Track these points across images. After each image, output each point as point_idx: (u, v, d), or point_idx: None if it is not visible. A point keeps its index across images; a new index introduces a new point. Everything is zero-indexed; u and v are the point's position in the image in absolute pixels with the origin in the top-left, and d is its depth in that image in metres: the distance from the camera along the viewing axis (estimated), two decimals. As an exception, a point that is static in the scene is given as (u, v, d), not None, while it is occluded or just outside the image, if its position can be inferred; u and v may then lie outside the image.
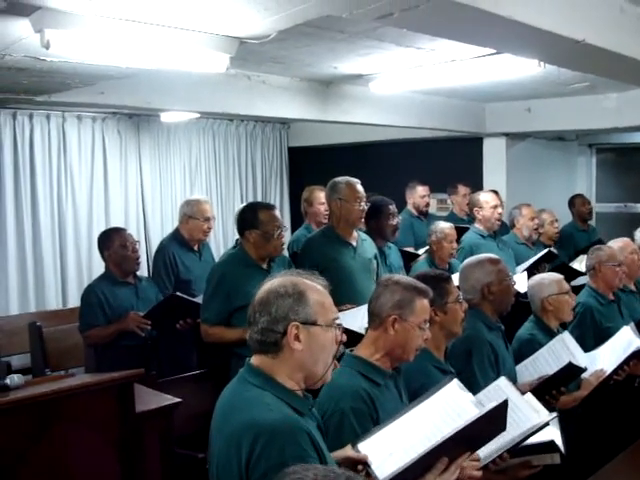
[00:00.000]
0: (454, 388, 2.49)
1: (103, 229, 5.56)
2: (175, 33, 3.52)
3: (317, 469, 1.53)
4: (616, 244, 5.13)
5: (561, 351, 3.84)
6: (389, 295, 2.80)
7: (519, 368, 3.86)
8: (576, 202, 7.79)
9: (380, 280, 3.02)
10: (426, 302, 2.84)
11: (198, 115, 7.77)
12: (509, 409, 2.44)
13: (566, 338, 3.91)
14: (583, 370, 3.75)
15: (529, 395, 3.06)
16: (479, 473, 2.38)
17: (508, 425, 2.48)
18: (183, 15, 3.35)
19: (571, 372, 3.67)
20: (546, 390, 3.57)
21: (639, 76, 4.62)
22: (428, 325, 2.84)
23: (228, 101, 5.90)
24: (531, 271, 5.35)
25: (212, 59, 3.87)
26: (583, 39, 3.40)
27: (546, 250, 5.96)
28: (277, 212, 4.47)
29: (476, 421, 2.28)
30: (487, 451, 2.44)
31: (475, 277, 3.75)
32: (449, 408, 2.44)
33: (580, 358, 3.81)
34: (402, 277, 3.03)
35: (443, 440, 2.20)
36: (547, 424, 2.80)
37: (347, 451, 2.35)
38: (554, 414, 2.94)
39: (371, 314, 2.85)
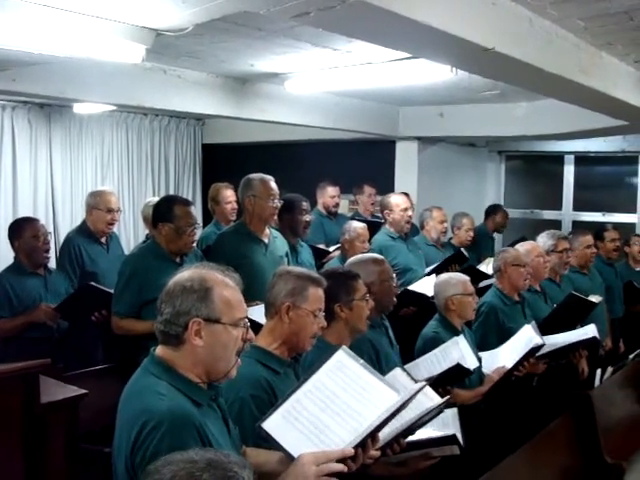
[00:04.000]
0: (343, 356, 2.54)
1: (10, 220, 5.42)
2: (90, 21, 3.46)
3: (175, 463, 1.54)
4: (523, 247, 5.28)
5: (453, 353, 3.94)
6: (283, 284, 2.85)
7: (411, 365, 3.94)
8: (498, 213, 8.06)
9: (275, 271, 3.05)
10: (320, 291, 2.88)
11: (112, 108, 7.66)
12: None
13: (460, 341, 4.01)
14: (470, 372, 3.86)
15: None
16: (377, 453, 2.43)
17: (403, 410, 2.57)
18: (99, 3, 3.31)
19: (459, 373, 3.78)
20: (434, 387, 3.65)
21: (547, 86, 4.78)
22: (323, 314, 2.88)
23: (143, 94, 5.84)
24: (441, 272, 5.46)
25: (128, 49, 3.83)
26: (493, 47, 3.51)
27: (457, 252, 6.12)
28: (193, 209, 4.46)
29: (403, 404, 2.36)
30: (382, 435, 2.50)
31: None
32: (343, 375, 2.49)
33: (470, 360, 3.91)
34: (296, 267, 3.09)
35: (380, 421, 2.29)
36: (442, 410, 2.88)
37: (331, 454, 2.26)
38: (447, 397, 3.03)
39: (267, 304, 2.89)
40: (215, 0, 3.03)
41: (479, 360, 4.20)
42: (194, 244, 4.50)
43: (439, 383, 3.64)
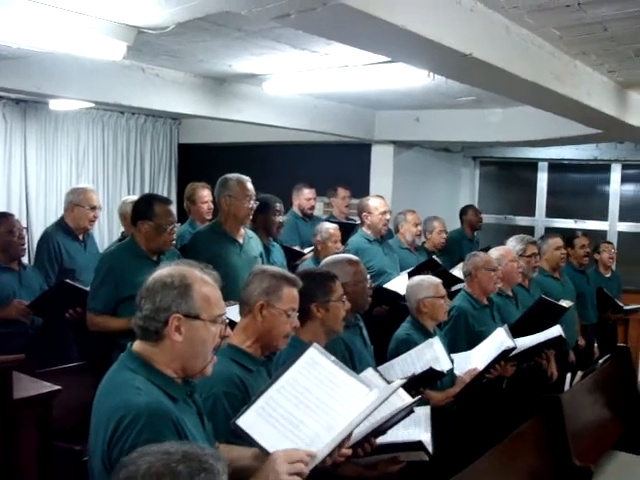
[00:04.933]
0: (314, 353, 2.58)
1: (-16, 215, 5.37)
2: (72, 16, 3.46)
3: (151, 454, 1.56)
4: (498, 252, 5.33)
5: (427, 355, 3.97)
6: (258, 282, 2.87)
7: (387, 366, 3.97)
8: (468, 212, 8.09)
9: (251, 270, 3.07)
10: (294, 291, 2.90)
11: (89, 105, 7.62)
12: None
13: (434, 343, 4.04)
14: (443, 374, 3.89)
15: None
16: (349, 451, 2.47)
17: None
18: (81, -1, 3.32)
19: (431, 375, 3.82)
20: (407, 389, 3.68)
21: (522, 93, 4.84)
22: (297, 314, 2.91)
23: (121, 92, 5.82)
24: (413, 277, 5.51)
25: (109, 46, 3.83)
26: (471, 53, 3.55)
27: (429, 258, 6.16)
28: (172, 208, 4.46)
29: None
30: (354, 434, 2.54)
31: None
32: (315, 372, 2.53)
33: (444, 362, 3.95)
34: (271, 267, 3.09)
35: (361, 419, 2.34)
36: (412, 410, 2.91)
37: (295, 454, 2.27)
38: (418, 397, 3.06)
39: (242, 302, 2.91)
40: (197, -1, 3.05)
41: (451, 362, 4.25)
42: (173, 242, 4.50)
43: (412, 386, 3.67)
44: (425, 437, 3.05)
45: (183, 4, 3.18)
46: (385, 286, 5.33)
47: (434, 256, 6.33)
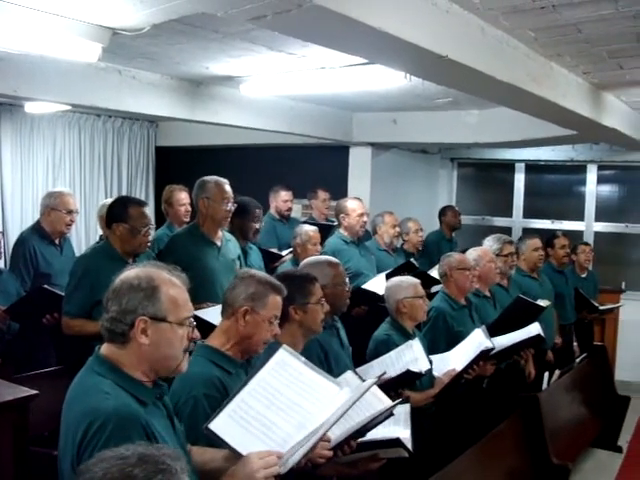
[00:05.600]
0: (284, 355, 2.59)
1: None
2: (46, 18, 3.43)
3: (107, 460, 1.54)
4: (475, 252, 5.36)
5: (407, 356, 3.98)
6: (244, 287, 2.87)
7: (366, 367, 3.98)
8: (447, 213, 8.13)
9: (238, 273, 3.07)
10: (279, 299, 2.91)
11: (65, 107, 7.56)
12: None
13: (414, 344, 4.06)
14: (421, 375, 3.90)
15: (374, 387, 3.17)
16: (329, 453, 2.49)
17: (353, 412, 2.65)
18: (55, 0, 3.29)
19: (409, 377, 3.83)
20: (386, 390, 3.69)
21: (498, 94, 4.86)
22: (278, 322, 2.91)
23: (97, 94, 5.78)
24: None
25: (84, 48, 3.80)
26: (446, 55, 3.57)
27: (407, 261, 6.17)
28: (148, 210, 4.44)
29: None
30: (334, 436, 2.55)
31: None
32: (285, 373, 2.54)
33: (422, 363, 3.96)
34: (259, 272, 3.08)
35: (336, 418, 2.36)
36: (392, 413, 2.93)
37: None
38: (398, 400, 3.07)
39: (225, 304, 2.91)
40: (173, 0, 3.04)
41: (430, 363, 4.26)
42: (148, 244, 4.48)
43: (391, 387, 3.68)
44: (404, 434, 3.06)
45: (158, 5, 3.17)
46: (363, 287, 5.33)
47: (412, 259, 6.36)
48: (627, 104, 6.59)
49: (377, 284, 5.24)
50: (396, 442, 3.01)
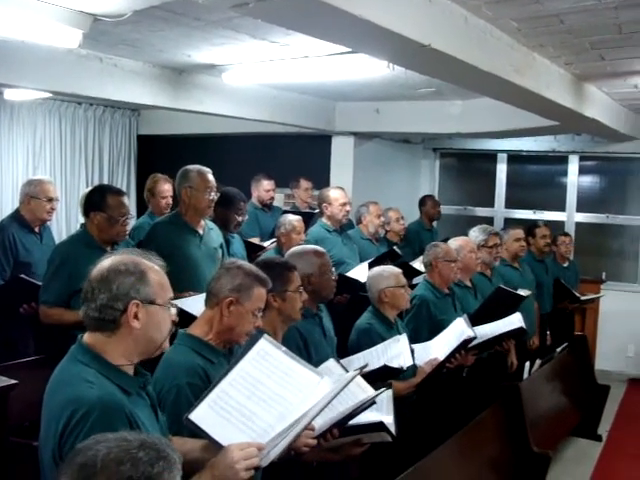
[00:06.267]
0: (265, 344, 2.58)
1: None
2: (26, 2, 3.40)
3: (109, 440, 1.54)
4: (456, 242, 5.37)
5: (393, 350, 3.99)
6: (230, 278, 2.85)
7: (352, 359, 3.98)
8: (427, 202, 8.13)
9: (224, 263, 3.06)
10: (263, 291, 2.90)
11: (46, 95, 7.48)
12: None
13: (402, 339, 4.06)
14: (403, 371, 3.90)
15: (358, 377, 3.18)
16: (314, 442, 2.51)
17: (336, 401, 2.64)
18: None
19: (389, 372, 3.82)
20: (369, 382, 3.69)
21: (480, 84, 4.88)
22: (261, 314, 2.91)
23: (78, 82, 5.73)
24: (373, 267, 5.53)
25: (64, 34, 3.77)
26: (429, 44, 3.56)
27: (390, 249, 6.19)
28: (126, 199, 4.41)
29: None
30: (317, 425, 2.55)
31: (297, 267, 3.67)
32: (266, 363, 2.54)
33: (405, 359, 3.96)
34: (246, 263, 3.07)
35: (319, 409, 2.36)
36: (374, 402, 2.93)
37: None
38: (382, 390, 3.07)
39: (209, 294, 2.89)
40: (154, -13, 3.02)
41: (412, 353, 4.27)
42: (127, 233, 4.45)
43: (371, 380, 3.68)
44: (387, 419, 3.06)
45: (139, -8, 3.16)
46: (346, 274, 5.34)
47: (395, 247, 6.37)
48: (609, 95, 6.62)
49: (360, 273, 5.26)
50: (379, 426, 3.02)
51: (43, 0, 3.43)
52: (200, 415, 2.34)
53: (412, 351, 4.22)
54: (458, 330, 4.37)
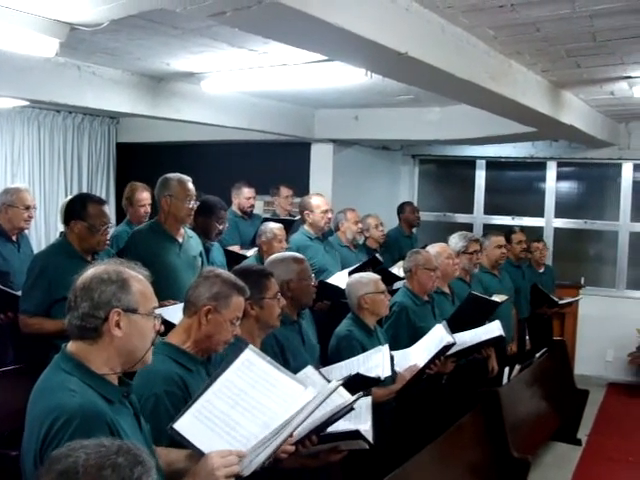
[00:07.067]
0: (250, 355, 2.59)
1: None
2: (2, 12, 3.38)
3: (85, 447, 1.55)
4: (433, 249, 5.38)
5: (373, 360, 3.99)
6: (208, 286, 2.86)
7: (335, 367, 3.98)
8: (406, 209, 8.12)
9: (202, 271, 3.06)
10: (241, 300, 2.91)
11: (24, 103, 7.45)
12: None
13: (384, 350, 4.06)
14: (377, 381, 3.88)
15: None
16: (292, 448, 2.52)
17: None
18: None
19: (365, 381, 3.82)
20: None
21: (458, 91, 4.91)
22: (239, 322, 2.91)
23: (56, 90, 5.71)
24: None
25: (41, 43, 3.76)
26: (406, 52, 3.58)
27: (372, 256, 6.20)
28: (107, 208, 4.40)
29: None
30: (296, 432, 2.56)
31: (276, 273, 3.73)
32: (251, 373, 2.55)
33: (383, 370, 3.95)
34: (224, 272, 3.08)
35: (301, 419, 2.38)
36: (352, 408, 2.93)
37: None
38: (359, 394, 3.07)
39: (187, 302, 2.89)
40: (131, -4, 3.02)
41: (392, 359, 4.28)
42: (107, 243, 4.44)
43: (350, 389, 3.69)
44: (365, 427, 3.07)
45: (116, 1, 3.15)
46: (327, 280, 5.35)
47: (376, 254, 6.38)
48: (585, 102, 6.69)
49: (340, 280, 5.26)
50: (356, 434, 3.02)
51: (19, 9, 3.42)
52: (184, 425, 2.34)
53: (392, 358, 4.24)
54: (437, 336, 4.38)
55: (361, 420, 3.13)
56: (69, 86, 5.77)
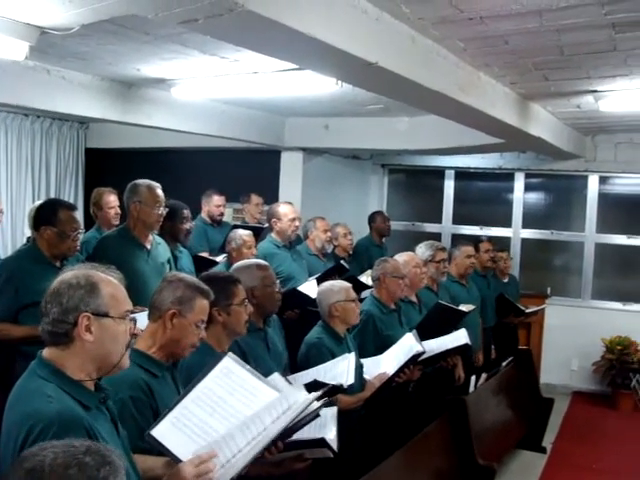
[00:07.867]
0: (229, 363, 2.60)
1: None
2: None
3: (55, 447, 1.56)
4: (401, 257, 5.41)
5: (340, 368, 3.99)
6: (171, 290, 2.86)
7: (304, 374, 3.99)
8: (377, 218, 8.14)
9: (165, 276, 3.06)
10: (206, 303, 2.92)
11: (-10, 107, 7.42)
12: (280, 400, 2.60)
13: (350, 358, 4.08)
14: (342, 389, 3.88)
15: (302, 390, 3.18)
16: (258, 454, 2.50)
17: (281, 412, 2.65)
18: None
19: (329, 389, 3.83)
20: None
21: (427, 102, 4.95)
22: (205, 325, 2.92)
23: (25, 94, 5.68)
24: (321, 282, 5.53)
25: (10, 46, 3.73)
26: (376, 62, 3.62)
27: (337, 263, 6.22)
28: (77, 213, 4.37)
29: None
30: (261, 438, 2.56)
31: (241, 280, 3.69)
32: (229, 381, 2.55)
33: (349, 377, 3.95)
34: (187, 276, 3.08)
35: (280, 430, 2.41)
36: (318, 414, 2.94)
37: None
38: (324, 400, 3.08)
39: (152, 307, 2.90)
40: (103, 1, 3.01)
41: (361, 366, 4.31)
42: (77, 248, 4.41)
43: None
44: (330, 435, 3.08)
45: (88, 5, 3.14)
46: (297, 288, 5.36)
47: (342, 261, 6.40)
48: (553, 114, 6.78)
49: (308, 288, 5.26)
50: (321, 442, 3.04)
51: (-12, 12, 3.40)
52: (161, 431, 2.35)
53: (361, 366, 4.26)
54: (407, 345, 4.41)
55: (327, 429, 3.14)
56: (38, 90, 5.74)
